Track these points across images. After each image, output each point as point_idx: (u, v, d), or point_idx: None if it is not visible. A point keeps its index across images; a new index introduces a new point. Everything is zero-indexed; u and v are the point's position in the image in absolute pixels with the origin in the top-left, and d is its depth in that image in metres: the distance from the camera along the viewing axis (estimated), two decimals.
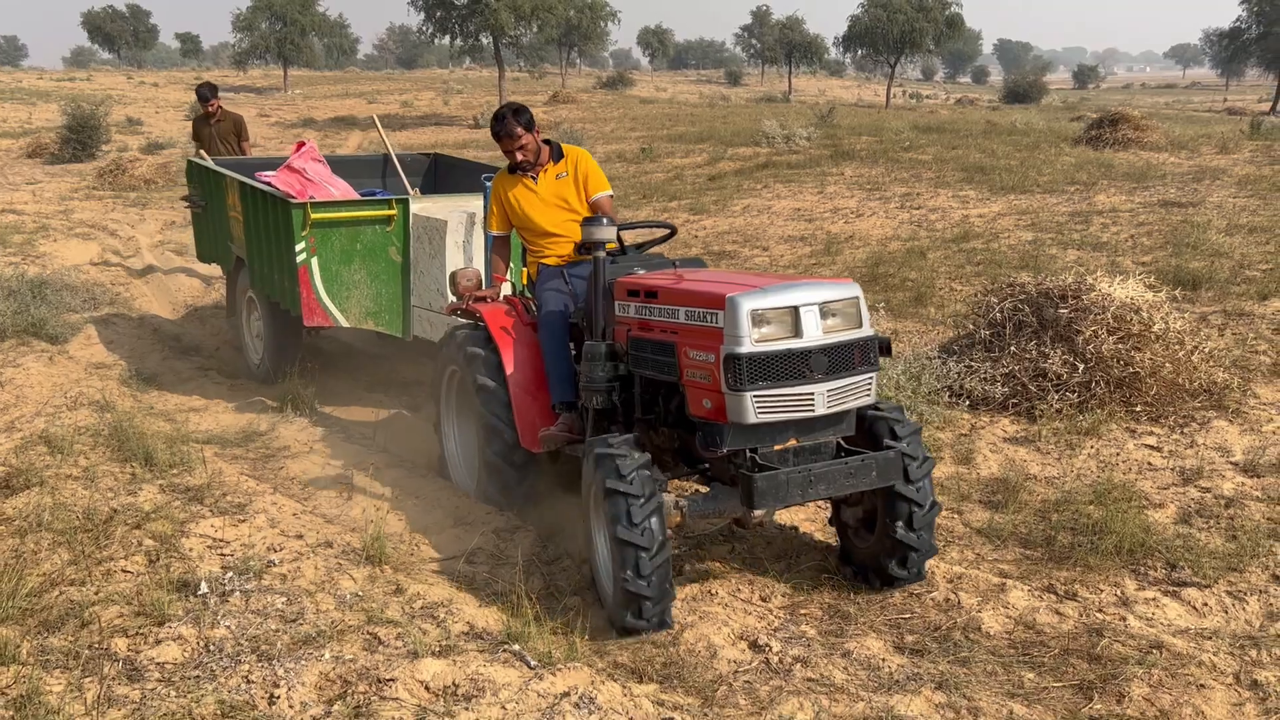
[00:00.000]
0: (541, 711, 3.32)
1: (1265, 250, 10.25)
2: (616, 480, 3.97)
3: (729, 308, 4.00)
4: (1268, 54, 48.61)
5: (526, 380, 5.19)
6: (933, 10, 52.43)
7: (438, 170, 9.66)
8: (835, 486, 4.10)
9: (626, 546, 3.89)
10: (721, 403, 4.03)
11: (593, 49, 74.41)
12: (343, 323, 7.10)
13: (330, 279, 6.99)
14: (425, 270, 7.00)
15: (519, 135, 5.39)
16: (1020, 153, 18.49)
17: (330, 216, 6.97)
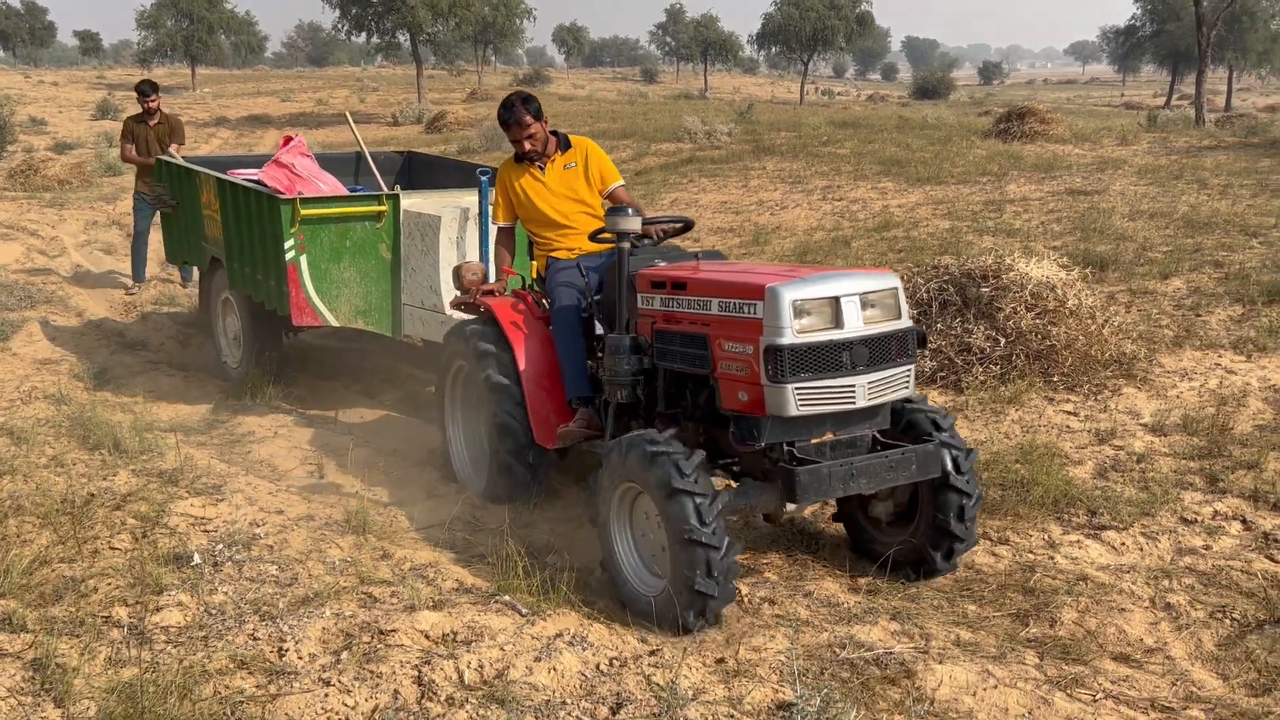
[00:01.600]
0: (538, 650, 3.61)
1: (1165, 234, 10.95)
2: (680, 479, 3.83)
3: (769, 298, 3.91)
4: (1161, 51, 50.60)
5: (540, 375, 5.11)
6: (844, 8, 53.56)
7: (411, 168, 9.48)
8: (876, 480, 4.06)
9: (696, 547, 3.78)
10: (759, 395, 3.95)
11: (508, 46, 74.19)
12: (332, 322, 6.95)
13: (320, 277, 6.82)
14: (417, 267, 6.89)
15: (528, 124, 5.28)
16: (933, 146, 19.18)
17: (320, 213, 6.80)
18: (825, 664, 3.64)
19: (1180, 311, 8.15)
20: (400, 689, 3.41)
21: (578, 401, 5.03)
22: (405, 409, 7.35)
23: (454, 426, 5.78)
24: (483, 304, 5.39)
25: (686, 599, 3.85)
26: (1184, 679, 3.70)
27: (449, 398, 5.76)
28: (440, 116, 30.39)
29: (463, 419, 5.75)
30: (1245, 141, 18.91)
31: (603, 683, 3.43)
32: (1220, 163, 15.69)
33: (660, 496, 3.87)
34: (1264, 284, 8.51)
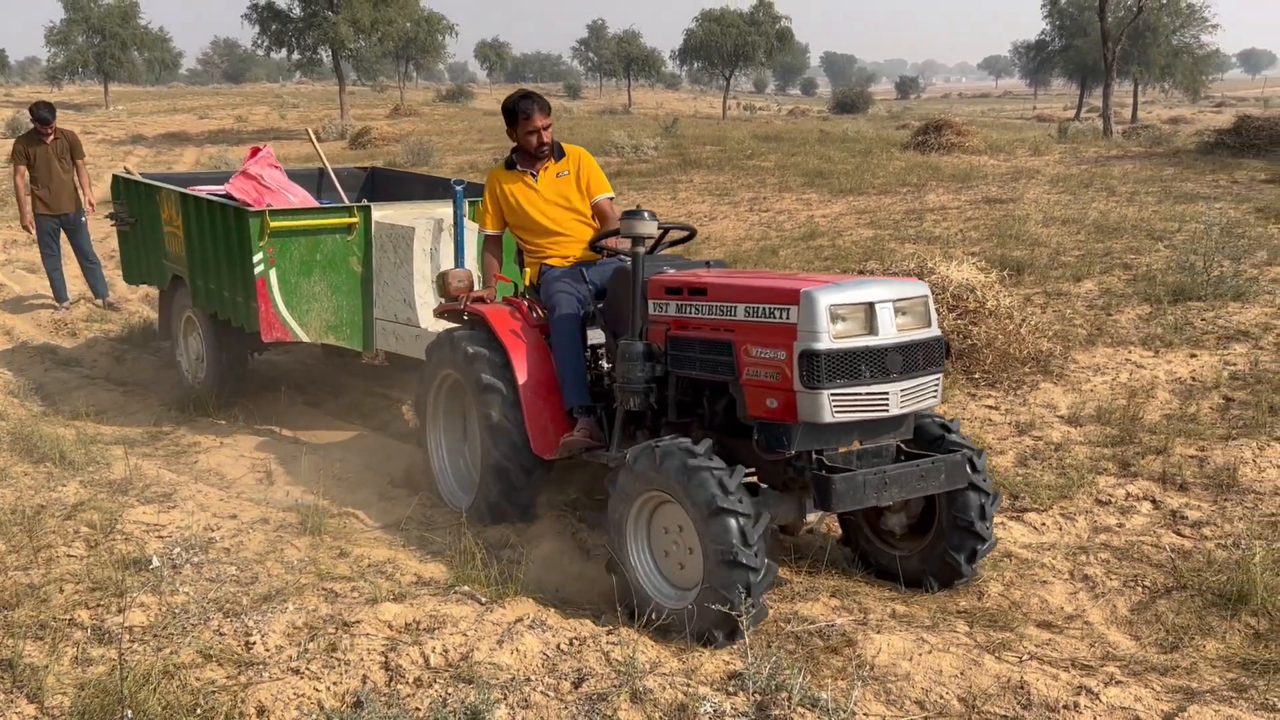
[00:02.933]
0: (499, 634, 3.77)
1: (1076, 239, 11.47)
2: (725, 497, 3.72)
3: (805, 302, 3.84)
4: (1070, 65, 52.25)
5: (537, 384, 4.96)
6: (763, 24, 54.50)
7: (375, 184, 9.26)
8: (908, 489, 4.02)
9: (736, 568, 3.68)
10: (791, 402, 3.89)
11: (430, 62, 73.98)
12: (303, 338, 6.78)
13: (290, 291, 6.64)
14: (390, 280, 6.74)
15: (546, 117, 5.27)
16: (855, 158, 19.70)
17: (290, 225, 6.62)
18: (772, 637, 3.86)
19: (1092, 311, 8.58)
20: (369, 674, 3.55)
21: (579, 411, 4.91)
22: (351, 416, 7.43)
23: (437, 443, 5.59)
24: (474, 312, 5.27)
25: (717, 617, 3.72)
26: (1101, 641, 4.00)
27: (431, 412, 5.58)
28: (364, 132, 30.25)
29: (446, 434, 5.58)
30: (1150, 151, 19.76)
31: (564, 660, 3.61)
32: (1127, 171, 16.41)
33: (701, 514, 3.74)
34: (1169, 284, 8.99)
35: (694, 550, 3.89)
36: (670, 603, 3.97)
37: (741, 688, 3.34)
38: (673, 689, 3.32)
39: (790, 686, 3.23)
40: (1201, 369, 7.13)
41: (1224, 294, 8.60)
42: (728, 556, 3.68)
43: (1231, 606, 4.09)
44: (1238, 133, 18.61)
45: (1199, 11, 46.83)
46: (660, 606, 3.94)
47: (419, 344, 6.36)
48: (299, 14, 38.59)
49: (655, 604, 3.95)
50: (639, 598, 4.07)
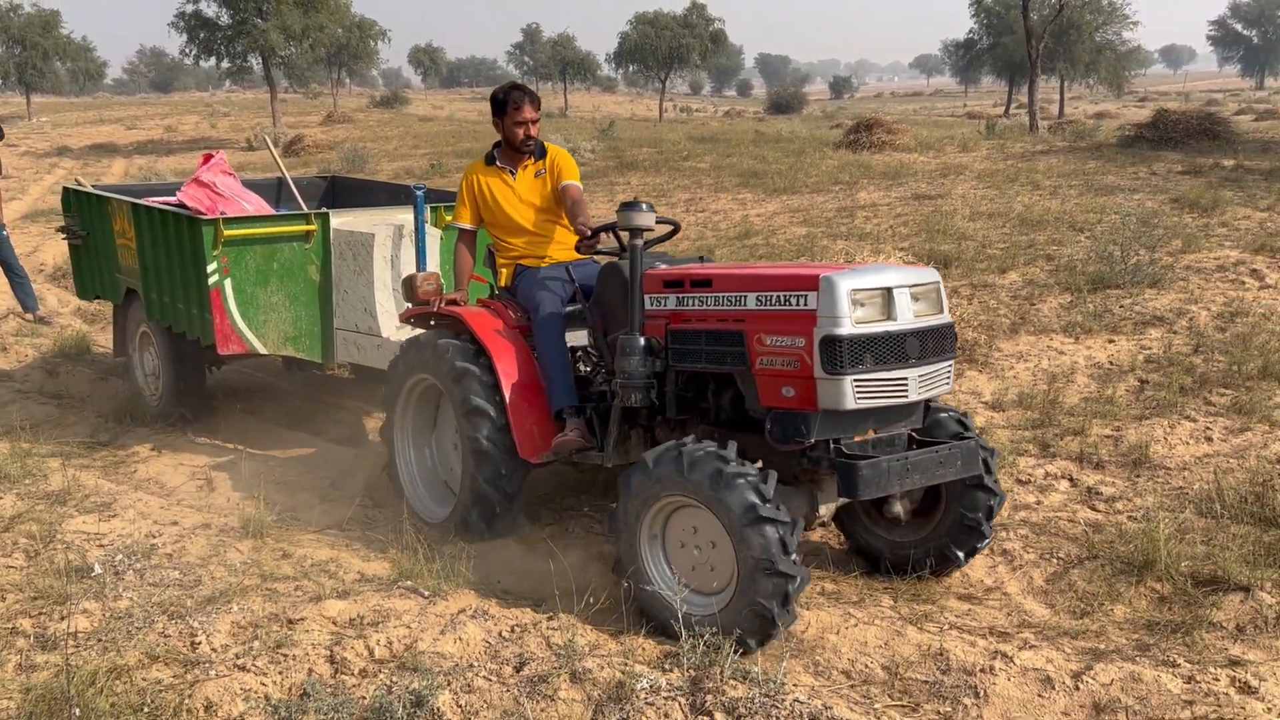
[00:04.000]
0: (443, 625, 3.88)
1: (1002, 232, 11.81)
2: (764, 505, 3.65)
3: (825, 288, 3.80)
4: (998, 63, 53.31)
5: (522, 386, 4.83)
6: (697, 27, 54.89)
7: (336, 192, 8.98)
8: (928, 476, 4.03)
9: (775, 577, 3.62)
10: (809, 390, 3.85)
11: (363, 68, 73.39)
12: (260, 350, 6.60)
13: (246, 302, 6.44)
14: (349, 289, 6.58)
15: (537, 108, 5.21)
16: (788, 158, 20.00)
17: (245, 233, 6.42)
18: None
19: (1016, 301, 8.87)
20: (314, 667, 3.63)
21: (568, 412, 4.78)
22: (289, 422, 7.44)
23: (405, 450, 5.39)
24: (450, 314, 5.11)
25: (752, 624, 3.67)
26: (1017, 610, 4.21)
27: (400, 420, 5.37)
28: (297, 140, 29.99)
29: (415, 442, 5.40)
30: (1074, 146, 20.31)
31: (506, 647, 3.73)
32: (1052, 166, 16.87)
33: (737, 522, 3.65)
34: (1089, 274, 9.33)
35: (720, 555, 3.81)
36: (691, 608, 3.82)
37: (677, 664, 3.48)
38: (611, 668, 3.45)
39: (722, 661, 3.38)
40: (1119, 354, 7.42)
41: (1141, 282, 8.94)
42: (767, 566, 3.60)
43: (1138, 573, 4.32)
44: (1156, 127, 19.21)
45: (1120, 9, 48.13)
46: (676, 611, 3.78)
47: (381, 354, 6.27)
48: (227, 21, 38.10)
49: (672, 608, 3.78)
50: (653, 602, 3.96)
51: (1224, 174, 14.73)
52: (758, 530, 3.62)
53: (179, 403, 7.27)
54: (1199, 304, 8.45)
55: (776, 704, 3.18)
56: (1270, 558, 4.34)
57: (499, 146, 5.32)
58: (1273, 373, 6.67)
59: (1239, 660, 3.64)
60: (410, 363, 5.20)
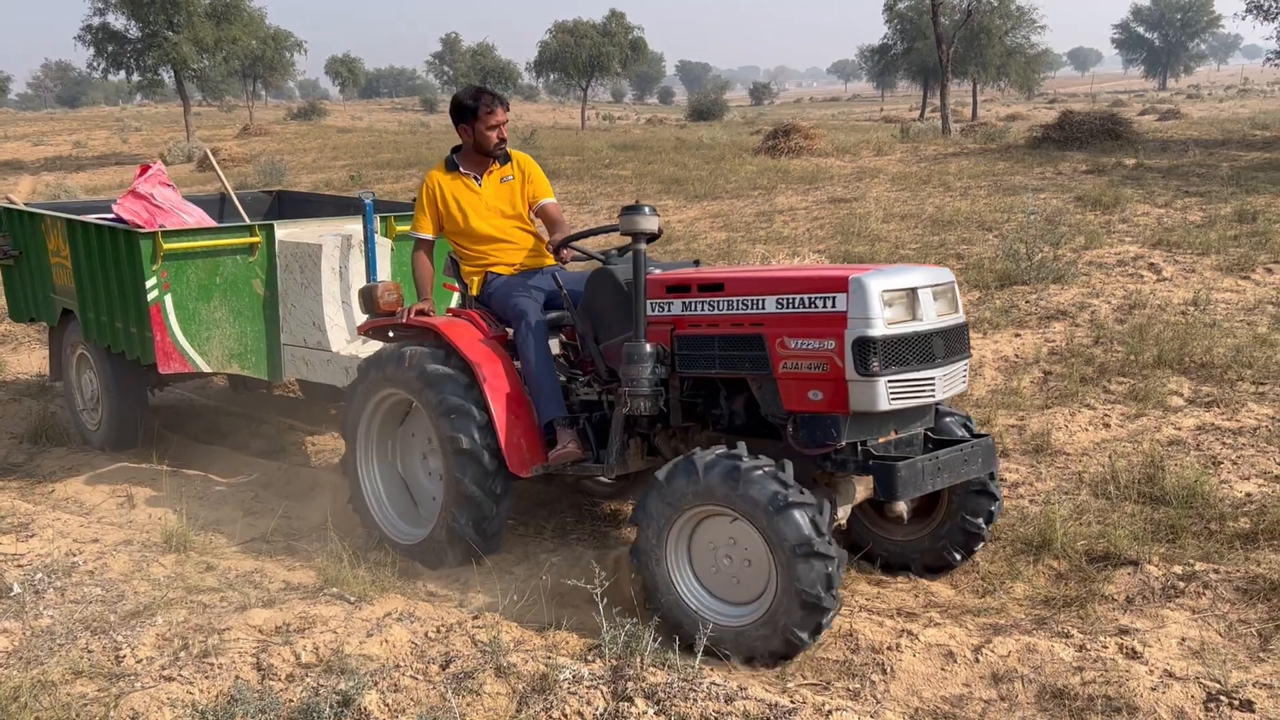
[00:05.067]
0: (369, 628, 3.94)
1: (915, 233, 12.16)
2: (787, 491, 3.62)
3: (856, 289, 3.76)
4: (912, 67, 54.38)
5: (508, 399, 4.64)
6: (617, 35, 55.15)
7: (282, 207, 8.74)
8: (954, 475, 4.03)
9: (814, 560, 3.58)
10: (839, 392, 3.80)
11: (279, 80, 72.44)
12: (204, 368, 6.37)
13: (187, 318, 6.22)
14: (297, 303, 6.36)
15: (504, 114, 5.02)
16: (709, 164, 20.27)
17: (185, 246, 6.17)
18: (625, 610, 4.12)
19: None
20: (241, 674, 3.68)
21: (564, 422, 4.64)
22: (209, 437, 7.40)
23: (372, 475, 5.15)
24: (422, 326, 4.91)
25: (801, 617, 3.62)
26: (924, 591, 4.39)
27: (364, 437, 5.14)
28: (213, 153, 29.54)
29: (380, 463, 5.16)
30: (985, 147, 20.89)
31: (432, 646, 3.81)
32: (963, 167, 17.36)
33: (765, 515, 3.61)
34: (997, 271, 9.66)
35: (752, 563, 3.77)
36: (708, 614, 3.83)
37: (599, 655, 3.60)
38: (535, 662, 3.55)
39: (643, 650, 3.50)
40: (1024, 347, 7.72)
41: (1045, 278, 9.29)
42: (803, 550, 3.56)
43: (1036, 553, 4.54)
44: (1062, 128, 19.88)
45: (1028, 13, 49.53)
46: (691, 612, 3.83)
47: (331, 369, 6.18)
48: (137, 34, 37.33)
49: (703, 620, 3.77)
50: (681, 617, 3.88)
51: (1125, 172, 15.31)
52: (786, 517, 3.59)
53: (121, 427, 6.96)
54: (1100, 297, 8.81)
55: (694, 687, 3.31)
56: (1158, 533, 4.60)
57: (458, 152, 5.14)
58: (1167, 361, 7.01)
59: (1127, 629, 3.86)
60: (373, 380, 4.98)
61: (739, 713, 3.20)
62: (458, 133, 5.07)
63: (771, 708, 3.22)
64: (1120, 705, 3.33)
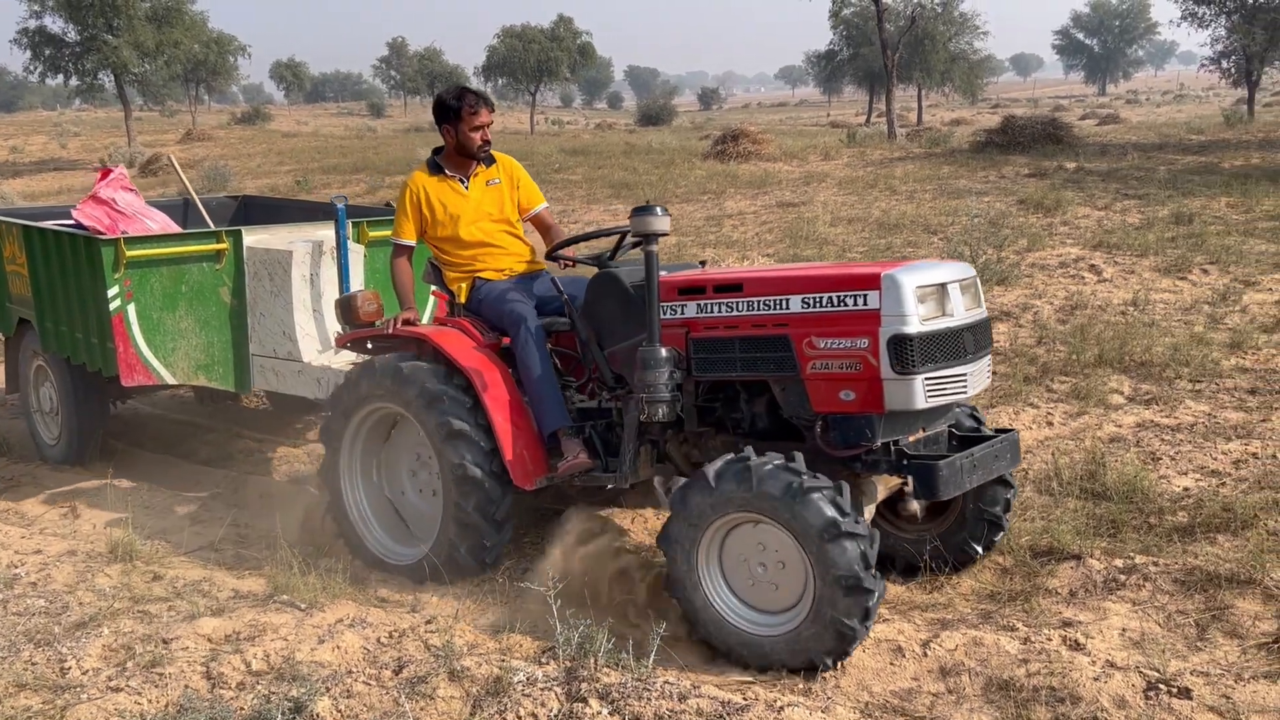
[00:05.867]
0: (320, 635, 3.92)
1: (862, 236, 12.30)
2: (844, 519, 3.54)
3: (890, 286, 3.69)
4: (858, 73, 55.01)
5: (509, 410, 4.49)
6: (565, 40, 55.14)
7: (249, 213, 8.44)
8: (987, 472, 3.99)
9: (858, 593, 3.51)
10: (873, 391, 3.73)
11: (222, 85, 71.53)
12: (169, 380, 6.12)
13: (151, 328, 5.99)
14: (266, 312, 6.16)
15: (491, 112, 4.86)
16: (658, 169, 20.35)
17: (149, 254, 5.95)
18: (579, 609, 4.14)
19: None
20: (190, 683, 3.64)
21: (565, 432, 4.49)
22: (153, 446, 7.29)
23: (354, 487, 4.95)
24: (411, 336, 4.70)
25: (830, 642, 3.57)
26: None
27: (347, 456, 4.93)
28: (155, 159, 29.08)
29: (364, 481, 4.96)
30: (930, 152, 21.19)
31: (384, 651, 3.79)
32: (909, 171, 17.60)
33: (815, 539, 3.52)
34: None
35: (785, 564, 3.70)
36: (756, 629, 3.77)
37: (553, 657, 3.61)
38: (489, 665, 3.55)
39: (596, 650, 3.51)
40: None
41: (989, 279, 9.44)
42: (849, 583, 3.49)
43: None
44: (1004, 132, 20.22)
45: (971, 20, 50.32)
46: (738, 632, 3.77)
47: (302, 380, 6.00)
48: (75, 38, 36.65)
49: (733, 629, 3.77)
50: (709, 625, 3.82)
51: (1066, 176, 15.61)
52: (839, 546, 3.49)
53: (82, 441, 6.70)
54: (1043, 298, 8.99)
55: (648, 687, 3.33)
56: (1100, 528, 4.70)
57: (440, 153, 4.95)
58: (1107, 360, 7.17)
59: (1070, 621, 3.95)
60: (362, 393, 4.76)
61: (692, 710, 3.23)
62: (441, 134, 4.91)
63: (724, 705, 3.26)
64: (1064, 695, 3.41)
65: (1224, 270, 9.49)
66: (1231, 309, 8.32)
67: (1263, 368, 6.94)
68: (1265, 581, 4.07)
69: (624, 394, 4.42)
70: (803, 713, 3.26)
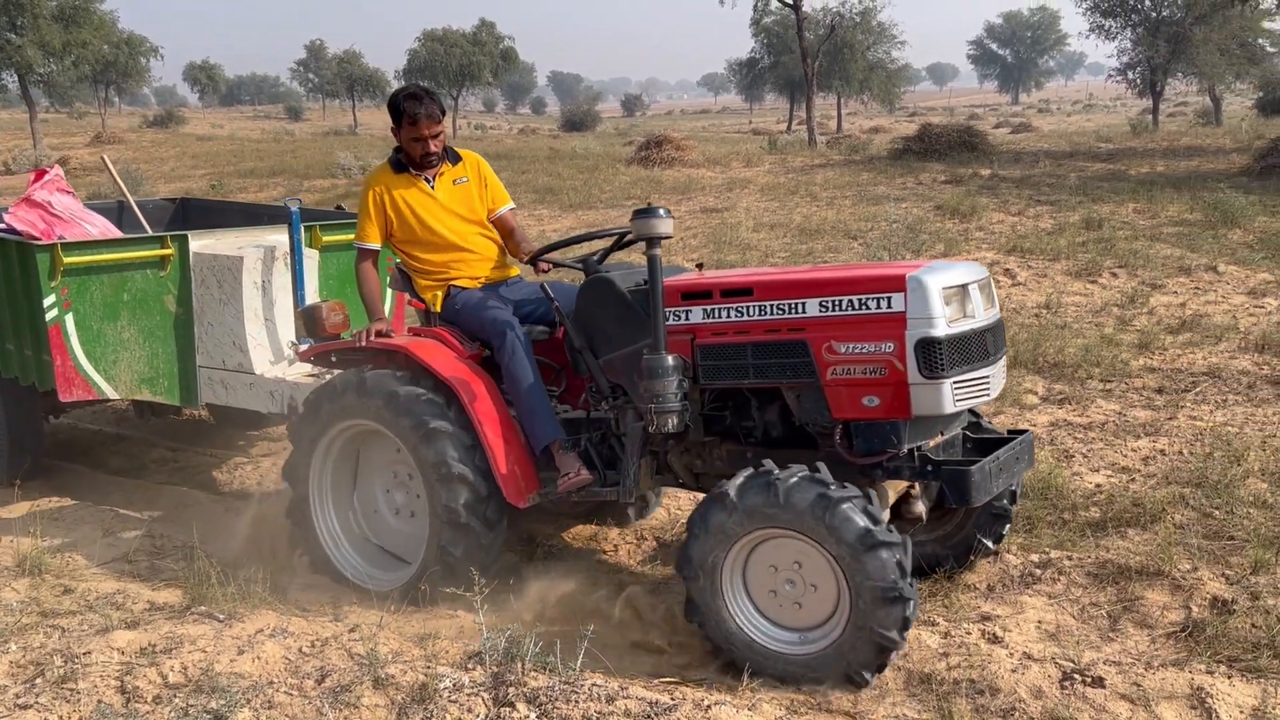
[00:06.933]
0: (240, 646, 3.83)
1: (784, 241, 12.45)
2: (878, 528, 3.44)
3: (915, 287, 3.59)
4: (779, 81, 55.74)
5: (497, 424, 4.26)
6: (488, 44, 55.00)
7: (188, 215, 8.02)
8: (1010, 475, 3.93)
9: (896, 603, 3.41)
10: (899, 396, 3.64)
11: (133, 86, 69.81)
12: (110, 394, 5.79)
13: (91, 340, 5.65)
14: (215, 321, 5.86)
15: (439, 121, 4.57)
16: (583, 174, 20.35)
17: (89, 260, 5.62)
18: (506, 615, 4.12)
19: None
20: (104, 698, 3.53)
21: (559, 446, 4.29)
22: (59, 454, 7.05)
23: (323, 508, 4.69)
24: (388, 349, 4.44)
25: (868, 655, 3.47)
26: None
27: (318, 473, 4.66)
28: (62, 163, 28.22)
29: (335, 501, 4.71)
30: (849, 159, 21.54)
31: (306, 661, 3.72)
32: (829, 178, 17.86)
33: (850, 551, 3.40)
34: None
35: (818, 588, 3.59)
36: (790, 649, 3.65)
37: (480, 662, 3.58)
38: (414, 672, 3.51)
39: (523, 654, 3.50)
40: None
41: None
42: (887, 594, 3.39)
43: None
44: (922, 139, 20.66)
45: (888, 29, 51.31)
46: (772, 654, 3.64)
47: (254, 393, 5.74)
48: None
49: (765, 650, 3.65)
50: (739, 649, 3.68)
51: (981, 182, 15.99)
52: (875, 557, 3.39)
53: (14, 460, 6.23)
54: None
55: (576, 689, 3.33)
56: (1016, 524, 4.80)
57: (402, 151, 4.67)
58: (1023, 361, 7.35)
59: (988, 615, 4.04)
60: (334, 410, 4.48)
61: (620, 711, 3.23)
62: (393, 135, 4.65)
63: (652, 705, 3.26)
64: (983, 687, 3.48)
65: (1132, 274, 9.80)
66: (1139, 311, 8.60)
67: (1169, 367, 7.18)
68: (1172, 573, 4.20)
69: (622, 404, 4.27)
70: (730, 711, 3.28)
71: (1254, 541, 4.38)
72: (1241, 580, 4.13)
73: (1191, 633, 3.82)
